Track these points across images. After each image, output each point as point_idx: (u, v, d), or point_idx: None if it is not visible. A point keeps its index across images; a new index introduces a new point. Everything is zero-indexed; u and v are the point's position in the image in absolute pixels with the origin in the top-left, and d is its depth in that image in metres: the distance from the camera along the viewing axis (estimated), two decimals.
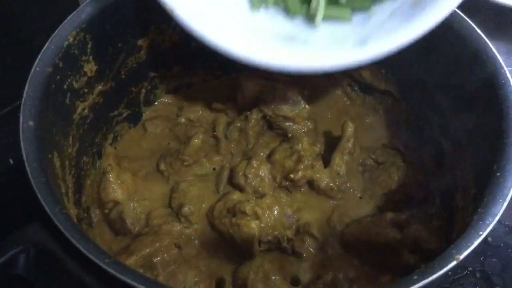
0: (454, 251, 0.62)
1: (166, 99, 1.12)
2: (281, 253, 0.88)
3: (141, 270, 0.81)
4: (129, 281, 0.58)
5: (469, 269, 0.93)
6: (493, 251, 0.95)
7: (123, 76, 0.98)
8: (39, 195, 0.65)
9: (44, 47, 0.80)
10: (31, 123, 0.73)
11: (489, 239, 0.96)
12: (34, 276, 0.65)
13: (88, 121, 0.93)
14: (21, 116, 0.73)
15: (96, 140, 0.98)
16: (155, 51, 1.02)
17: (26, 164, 0.68)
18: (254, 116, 1.00)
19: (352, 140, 1.01)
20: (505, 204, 0.66)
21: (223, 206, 0.90)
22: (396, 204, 0.93)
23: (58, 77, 0.81)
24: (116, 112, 1.02)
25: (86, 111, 0.91)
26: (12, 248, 0.64)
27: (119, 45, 0.94)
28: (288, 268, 0.85)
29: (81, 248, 0.61)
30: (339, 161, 0.96)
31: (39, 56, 0.79)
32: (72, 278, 0.62)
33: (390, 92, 1.05)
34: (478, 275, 0.92)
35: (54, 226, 0.63)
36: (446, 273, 0.61)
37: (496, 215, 0.65)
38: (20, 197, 0.78)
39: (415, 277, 0.59)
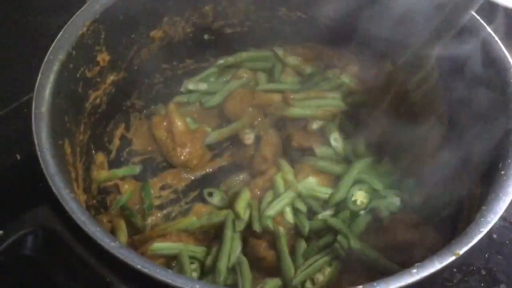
0: (454, 246, 0.62)
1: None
2: None
3: None
4: (133, 264, 0.60)
5: (474, 266, 0.93)
6: (498, 248, 0.95)
7: (135, 67, 1.00)
8: (48, 178, 0.66)
9: (58, 36, 0.81)
10: (43, 109, 0.75)
11: (494, 236, 0.96)
12: (41, 256, 0.67)
13: (100, 110, 0.94)
14: (33, 103, 0.75)
15: (108, 129, 1.00)
16: (168, 43, 1.03)
17: (37, 148, 0.70)
18: None
19: None
20: (508, 201, 0.66)
21: None
22: None
23: (71, 65, 0.82)
24: (128, 103, 1.04)
25: (98, 100, 0.93)
26: (21, 230, 0.66)
27: (132, 36, 0.95)
28: None
29: (87, 231, 0.62)
30: None
31: (53, 45, 0.80)
32: (77, 259, 0.64)
33: None
34: (483, 272, 0.93)
35: (62, 210, 0.64)
36: (447, 268, 0.61)
37: (498, 212, 0.65)
38: (28, 190, 0.80)
39: (414, 270, 0.59)
